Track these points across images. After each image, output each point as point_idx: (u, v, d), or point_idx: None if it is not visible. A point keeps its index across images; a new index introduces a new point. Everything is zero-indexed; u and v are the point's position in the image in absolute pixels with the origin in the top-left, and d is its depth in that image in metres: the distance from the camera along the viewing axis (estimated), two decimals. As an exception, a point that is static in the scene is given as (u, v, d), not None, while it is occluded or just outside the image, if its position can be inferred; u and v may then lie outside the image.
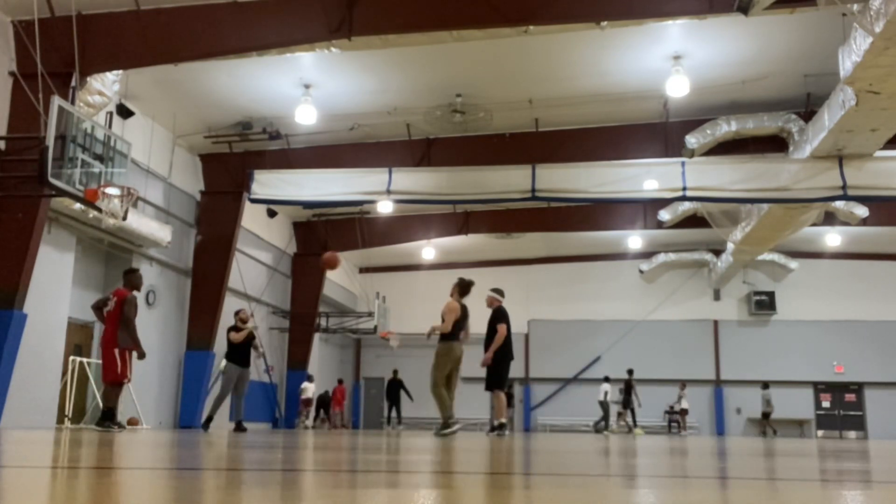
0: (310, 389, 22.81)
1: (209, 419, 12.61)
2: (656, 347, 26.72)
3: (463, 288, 9.90)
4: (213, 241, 17.70)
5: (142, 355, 9.82)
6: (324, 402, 24.61)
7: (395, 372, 24.36)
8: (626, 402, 22.09)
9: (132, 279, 10.07)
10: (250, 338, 12.74)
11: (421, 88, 15.23)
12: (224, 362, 12.96)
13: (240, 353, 12.62)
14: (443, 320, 9.62)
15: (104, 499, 1.69)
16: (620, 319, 27.40)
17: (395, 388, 23.49)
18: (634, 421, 22.09)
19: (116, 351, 9.63)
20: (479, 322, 10.38)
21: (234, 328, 12.71)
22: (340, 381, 26.21)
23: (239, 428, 12.36)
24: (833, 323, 26.57)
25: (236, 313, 13.05)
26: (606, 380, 22.82)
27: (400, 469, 2.91)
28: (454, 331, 9.55)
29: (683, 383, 24.66)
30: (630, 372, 22.44)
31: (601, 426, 22.33)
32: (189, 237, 17.85)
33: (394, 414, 23.63)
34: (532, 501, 1.80)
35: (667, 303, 27.53)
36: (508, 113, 16.02)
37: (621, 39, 13.35)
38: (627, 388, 22.10)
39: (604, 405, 22.28)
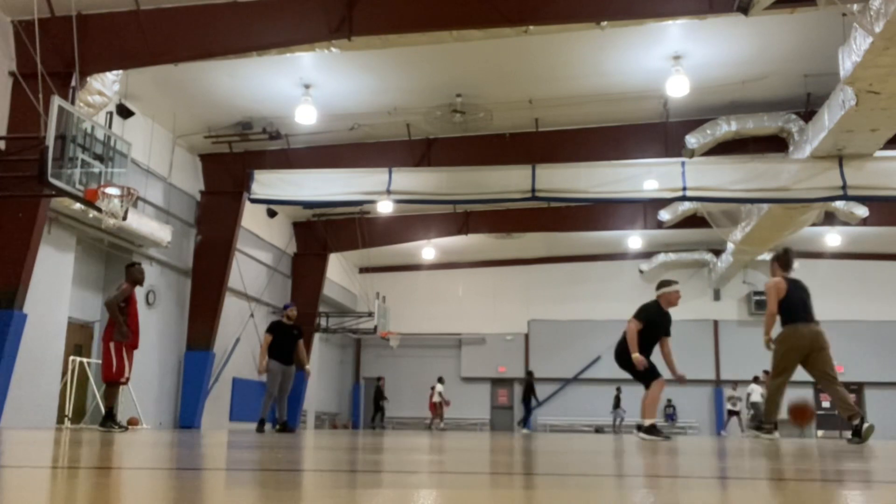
0: (440, 391, 24.78)
1: (262, 422, 12.06)
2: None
3: (783, 261, 8.13)
4: (213, 241, 17.69)
5: (123, 336, 9.64)
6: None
7: (531, 374, 24.47)
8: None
9: (130, 273, 10.11)
10: (297, 336, 12.43)
11: (421, 88, 15.23)
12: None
13: (284, 349, 12.22)
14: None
15: (104, 499, 1.69)
16: (621, 319, 27.08)
17: (529, 390, 23.67)
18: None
19: (112, 345, 9.67)
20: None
21: (279, 324, 12.35)
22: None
23: (284, 429, 12.02)
24: (833, 323, 26.37)
25: (285, 308, 12.60)
26: (756, 380, 22.50)
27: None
28: (790, 310, 7.94)
29: (735, 385, 24.46)
30: (766, 373, 22.49)
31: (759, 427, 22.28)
32: (189, 237, 17.84)
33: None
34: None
35: (667, 303, 27.51)
36: (508, 113, 16.02)
37: (621, 39, 13.35)
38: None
39: (757, 406, 22.09)
